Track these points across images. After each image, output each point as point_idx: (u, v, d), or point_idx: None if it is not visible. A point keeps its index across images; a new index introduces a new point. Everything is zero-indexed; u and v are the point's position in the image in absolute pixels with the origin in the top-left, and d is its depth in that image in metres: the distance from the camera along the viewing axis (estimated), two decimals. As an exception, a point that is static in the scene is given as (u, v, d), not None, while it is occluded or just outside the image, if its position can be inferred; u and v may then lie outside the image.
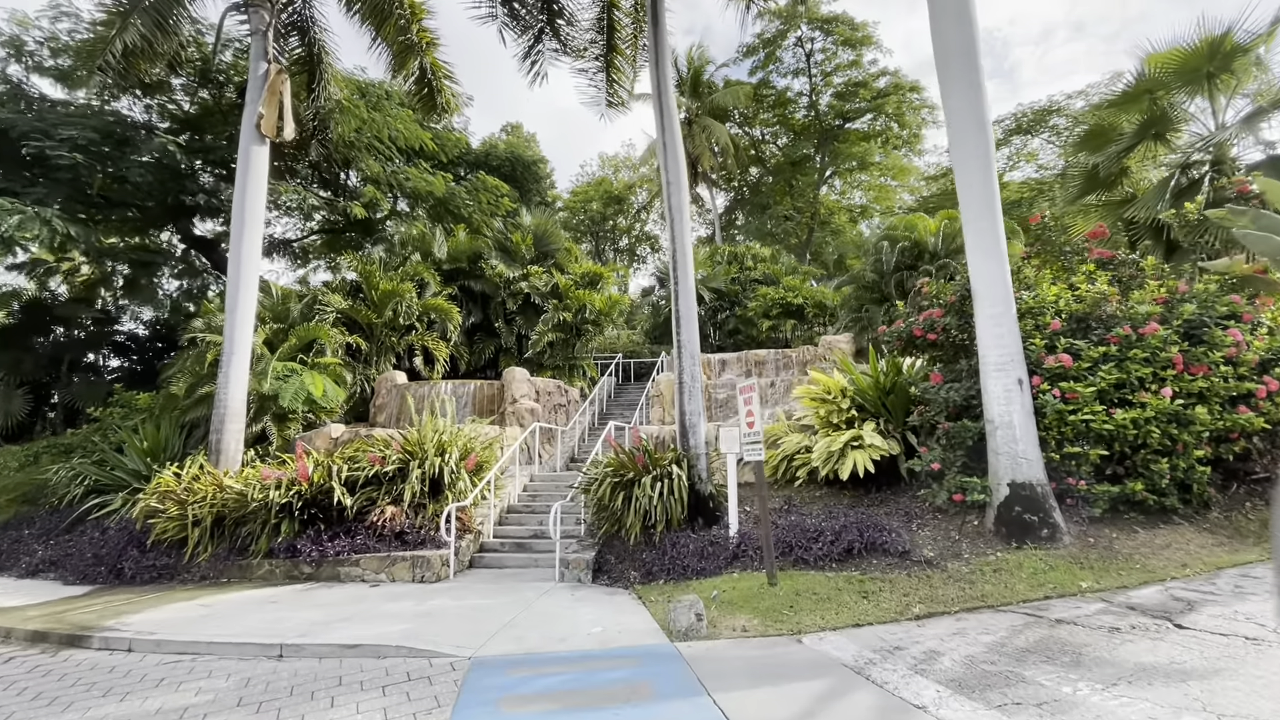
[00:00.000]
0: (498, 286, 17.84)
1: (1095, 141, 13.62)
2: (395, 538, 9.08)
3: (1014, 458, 7.02)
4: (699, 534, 8.11)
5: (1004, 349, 7.26)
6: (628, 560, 8.13)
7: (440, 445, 10.11)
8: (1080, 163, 14.02)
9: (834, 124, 32.40)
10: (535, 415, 13.97)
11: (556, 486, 11.59)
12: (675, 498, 8.13)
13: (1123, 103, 12.75)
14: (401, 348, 15.90)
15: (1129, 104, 12.75)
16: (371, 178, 17.90)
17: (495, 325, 17.70)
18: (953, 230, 16.84)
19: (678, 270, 9.18)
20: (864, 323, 17.75)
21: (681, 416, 8.90)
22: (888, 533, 7.04)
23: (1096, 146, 13.53)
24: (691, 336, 9.07)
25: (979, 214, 7.60)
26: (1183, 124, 12.33)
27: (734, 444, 7.93)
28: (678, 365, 9.05)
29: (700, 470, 8.69)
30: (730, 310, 23.67)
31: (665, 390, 14.76)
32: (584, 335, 18.15)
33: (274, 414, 12.54)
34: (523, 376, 14.57)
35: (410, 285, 15.30)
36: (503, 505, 10.71)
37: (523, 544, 9.65)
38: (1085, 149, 13.92)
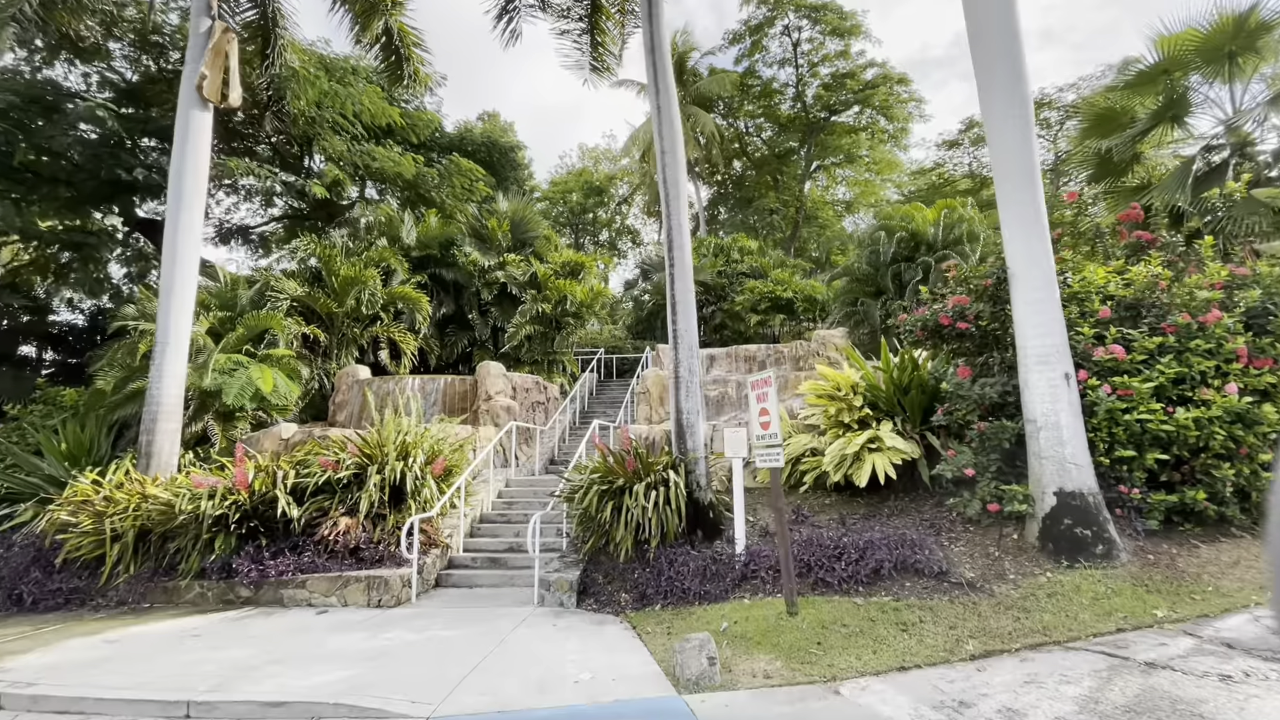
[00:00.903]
0: (472, 275, 16.63)
1: (1105, 126, 12.96)
2: (349, 554, 7.92)
3: (1061, 463, 6.15)
4: (699, 550, 7.11)
5: (1047, 339, 6.39)
6: (617, 580, 7.10)
7: (404, 447, 8.96)
8: (1088, 149, 13.35)
9: (820, 116, 31.68)
10: (512, 414, 12.85)
11: (535, 492, 10.50)
12: (672, 508, 7.12)
13: (1138, 84, 12.08)
14: (365, 340, 14.63)
15: (1144, 85, 12.09)
16: (335, 157, 16.53)
17: (469, 317, 16.50)
18: (952, 220, 16.14)
19: (673, 250, 8.17)
20: (858, 317, 16.96)
21: (678, 415, 7.90)
22: (920, 549, 6.12)
23: (1107, 131, 12.86)
24: (689, 325, 8.07)
25: (1017, 183, 6.72)
26: (1201, 107, 11.71)
27: (740, 447, 6.95)
28: (673, 357, 8.04)
29: (699, 476, 7.70)
30: (717, 305, 22.76)
31: (653, 387, 13.75)
32: (564, 328, 17.05)
33: (217, 412, 11.23)
34: (498, 371, 13.43)
35: (375, 272, 14.03)
36: (474, 514, 9.60)
37: (497, 559, 8.56)
38: (1095, 134, 13.24)
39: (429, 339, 15.91)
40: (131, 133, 15.21)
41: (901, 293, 16.14)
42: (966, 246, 15.66)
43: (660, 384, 13.71)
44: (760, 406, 5.86)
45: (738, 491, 6.91)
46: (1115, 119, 12.86)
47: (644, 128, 30.21)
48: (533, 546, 7.17)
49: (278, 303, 12.76)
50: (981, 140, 26.56)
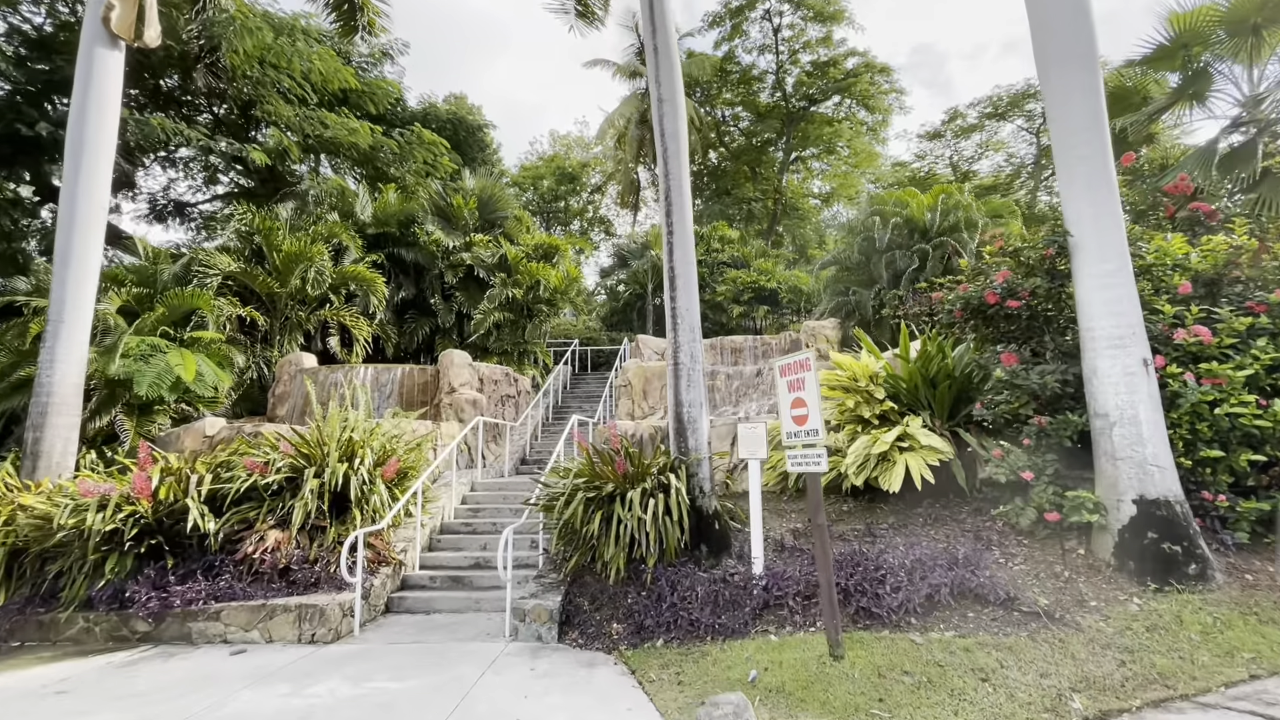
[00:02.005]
0: (434, 256, 15.14)
1: (1118, 106, 12.23)
2: (278, 576, 6.51)
3: (1140, 465, 5.18)
4: (706, 569, 5.95)
5: (1121, 318, 5.41)
6: (608, 606, 5.88)
7: (349, 446, 7.57)
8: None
9: (800, 106, 30.89)
10: (478, 408, 11.49)
11: (505, 497, 9.20)
12: (673, 519, 5.94)
13: (1156, 59, 11.36)
14: (312, 325, 13.04)
15: (1160, 62, 11.39)
16: (281, 123, 14.81)
17: (430, 302, 15.01)
18: (949, 206, 15.33)
19: (672, 215, 6.97)
20: (849, 307, 16.07)
21: (676, 409, 6.71)
22: (978, 569, 5.07)
23: (1120, 110, 12.15)
24: (690, 302, 6.88)
25: (1082, 136, 5.74)
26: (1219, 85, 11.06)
27: (758, 446, 5.80)
28: (672, 341, 6.85)
29: (702, 480, 6.54)
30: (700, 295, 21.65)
31: (635, 379, 12.55)
32: (536, 316, 15.70)
33: (129, 405, 9.59)
34: (463, 361, 12.04)
35: (323, 248, 12.45)
36: (434, 524, 8.25)
37: (460, 578, 7.24)
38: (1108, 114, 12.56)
39: (385, 325, 14.38)
40: (38, 85, 13.25)
41: (896, 282, 15.29)
42: (965, 234, 14.88)
43: (643, 376, 12.54)
44: (794, 396, 4.71)
45: (754, 499, 5.76)
46: (1128, 98, 12.18)
47: (619, 111, 28.94)
48: (504, 566, 5.89)
49: (207, 279, 11.10)
50: (966, 132, 26.09)
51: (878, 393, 7.44)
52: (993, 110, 24.39)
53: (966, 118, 25.34)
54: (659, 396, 12.35)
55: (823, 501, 4.51)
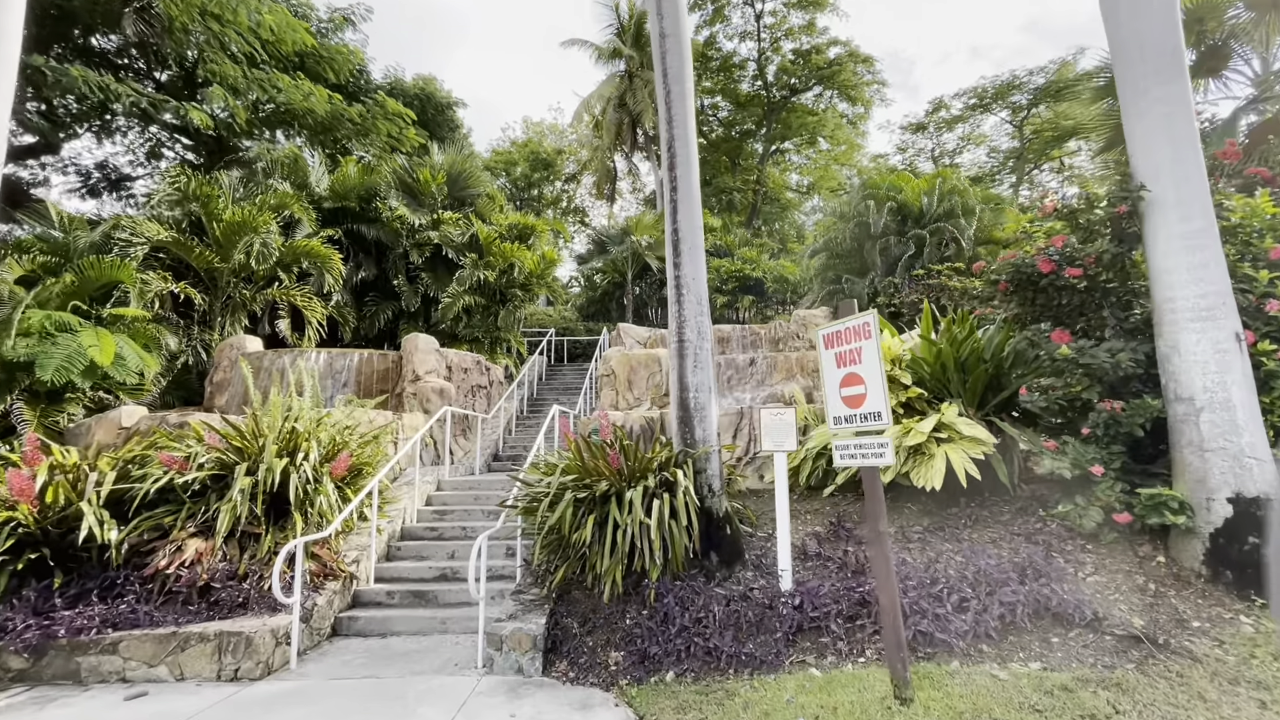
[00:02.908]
0: (398, 234, 13.87)
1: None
2: (198, 596, 5.35)
3: (1235, 457, 4.40)
4: (720, 582, 5.01)
5: (1208, 285, 4.64)
6: (602, 629, 4.88)
7: (291, 439, 6.42)
8: (1104, 110, 12.12)
9: (782, 96, 30.25)
10: (446, 398, 10.34)
11: (475, 497, 8.12)
12: (680, 523, 4.97)
13: (1170, 33, 10.81)
14: (259, 305, 11.69)
15: (1173, 37, 10.87)
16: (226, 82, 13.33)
17: (394, 283, 13.75)
18: (947, 189, 14.71)
19: (676, 167, 5.98)
20: (842, 295, 15.31)
21: (682, 394, 5.74)
22: (1052, 581, 4.23)
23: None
24: (697, 269, 5.91)
25: (1159, 70, 4.95)
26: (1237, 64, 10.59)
27: (785, 436, 4.87)
28: (676, 315, 5.87)
29: (711, 477, 5.59)
30: (678, 284, 20.73)
31: (619, 368, 11.55)
32: (510, 301, 14.56)
33: (31, 391, 8.21)
34: (429, 346, 10.87)
35: (271, 217, 11.11)
36: (393, 529, 7.14)
37: (423, 593, 6.16)
38: (1110, 95, 12.04)
39: (343, 308, 13.07)
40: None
41: (891, 269, 14.61)
42: (962, 220, 14.26)
43: (628, 365, 11.54)
44: (844, 371, 3.77)
45: (781, 499, 4.83)
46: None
47: (596, 93, 27.84)
48: (477, 588, 4.84)
49: (131, 249, 9.70)
50: (950, 123, 25.72)
51: (904, 378, 6.60)
52: (977, 101, 24.04)
53: (951, 108, 24.98)
54: (645, 386, 11.39)
55: (884, 504, 3.59)
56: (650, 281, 20.77)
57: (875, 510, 3.57)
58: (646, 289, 20.89)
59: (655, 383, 11.42)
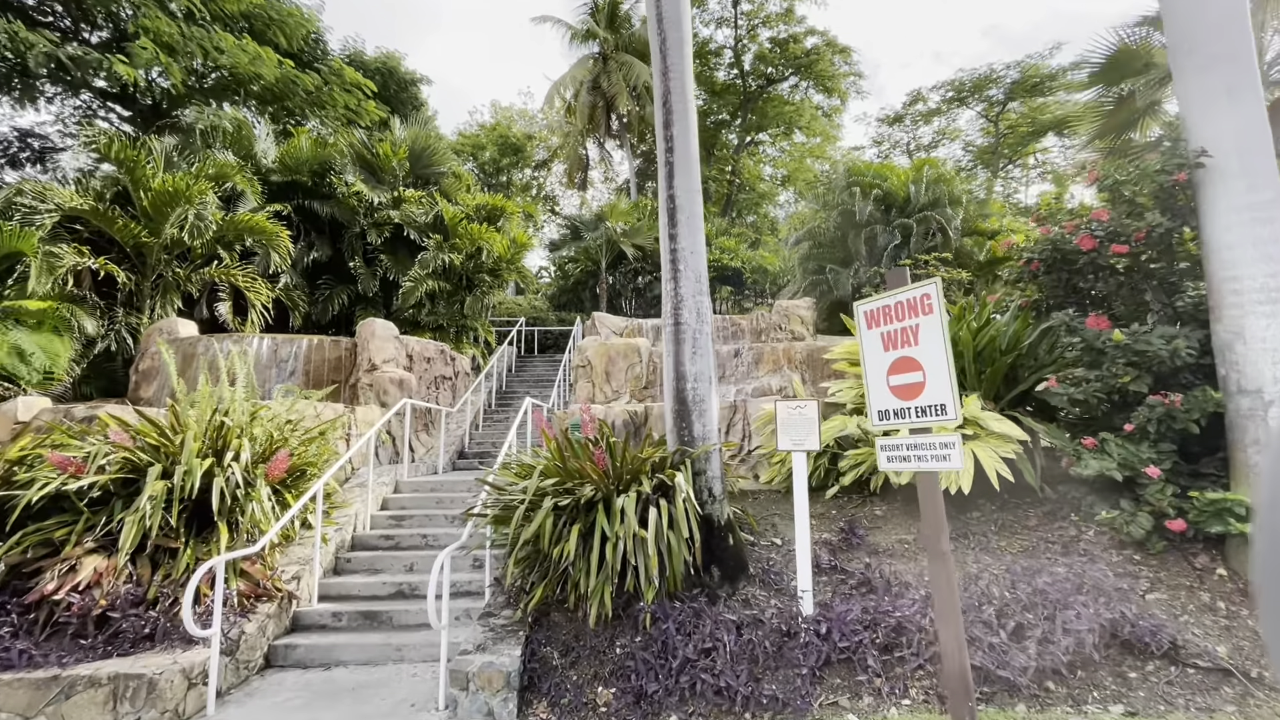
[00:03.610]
0: (355, 212, 12.78)
1: (1116, 72, 11.41)
2: (95, 628, 4.41)
3: (1310, 457, 3.89)
4: (724, 601, 4.31)
5: (1278, 264, 4.12)
6: (588, 659, 4.13)
7: (219, 435, 5.47)
8: (1096, 101, 11.80)
9: (758, 85, 29.72)
10: (406, 389, 9.41)
11: (438, 500, 7.26)
12: (680, 535, 4.25)
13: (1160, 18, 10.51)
14: (196, 286, 10.52)
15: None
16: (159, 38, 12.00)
17: (350, 265, 12.66)
18: (933, 178, 14.30)
19: (673, 122, 5.22)
20: (825, 285, 14.84)
21: (678, 384, 5.01)
22: (1117, 601, 3.64)
23: (1119, 76, 11.31)
24: (695, 243, 5.18)
25: (1221, 27, 4.40)
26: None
27: (805, 433, 4.19)
28: (671, 293, 5.13)
29: (711, 480, 4.88)
30: (655, 274, 20.01)
31: (596, 359, 10.77)
32: (478, 287, 13.61)
33: (-90, 378, 7.02)
34: (387, 333, 9.90)
35: (208, 188, 9.95)
36: (343, 538, 6.25)
37: (375, 614, 5.31)
38: (1102, 81, 11.73)
39: (293, 291, 11.95)
40: None
41: (877, 259, 14.15)
42: (948, 210, 13.88)
43: (605, 355, 10.78)
44: (895, 355, 3.09)
45: (801, 510, 4.14)
46: (1129, 63, 11.35)
47: (569, 75, 26.85)
48: (436, 599, 4.03)
49: (37, 218, 8.47)
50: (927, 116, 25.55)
51: (916, 368, 5.99)
52: (954, 94, 23.89)
53: (929, 101, 24.80)
54: (624, 378, 10.64)
55: (945, 517, 2.92)
56: (625, 271, 20.00)
57: (935, 525, 2.90)
58: (621, 278, 20.11)
59: (635, 374, 10.68)
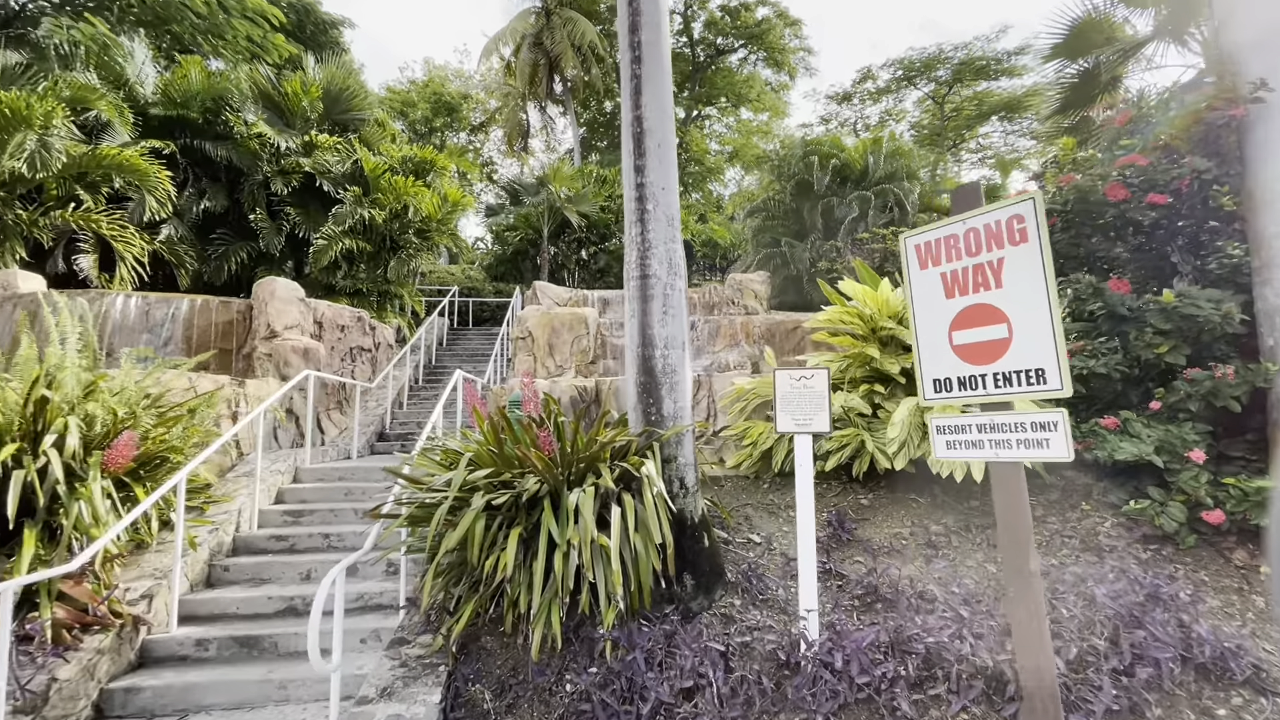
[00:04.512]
0: (258, 158, 11.05)
1: (1079, 44, 11.12)
2: None
3: (1374, 439, 3.39)
4: (698, 616, 3.46)
5: (1340, 219, 3.58)
6: (530, 702, 3.19)
7: (37, 412, 4.14)
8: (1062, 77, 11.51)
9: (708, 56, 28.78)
10: (312, 360, 8.06)
11: (347, 490, 6.08)
12: (649, 538, 3.36)
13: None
14: (47, 233, 8.69)
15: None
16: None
17: (251, 218, 10.96)
18: (893, 150, 13.84)
19: (641, 27, 4.20)
20: (779, 259, 14.20)
21: (645, 351, 4.06)
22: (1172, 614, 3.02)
23: (1081, 49, 11.05)
24: (667, 178, 4.21)
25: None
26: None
27: (811, 411, 3.35)
28: (637, 239, 4.15)
29: (683, 468, 4.00)
30: (601, 245, 18.94)
31: (538, 330, 9.69)
32: (404, 249, 12.17)
33: None
34: (290, 294, 8.47)
35: (61, 112, 8.13)
36: (220, 540, 5.02)
37: (255, 639, 4.17)
38: (1064, 54, 11.45)
39: (178, 245, 10.18)
40: None
41: (833, 232, 13.61)
42: (906, 183, 13.47)
43: (548, 326, 9.70)
44: (964, 304, 2.24)
45: (805, 509, 3.29)
46: (1091, 35, 11.07)
47: (509, 29, 25.06)
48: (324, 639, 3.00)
49: None
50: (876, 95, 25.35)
51: (905, 337, 5.30)
52: (904, 73, 23.72)
53: (878, 79, 24.56)
54: (570, 351, 9.62)
55: (1030, 522, 2.13)
56: (569, 240, 18.79)
57: (1018, 536, 2.11)
58: (565, 249, 18.89)
59: (581, 347, 9.68)
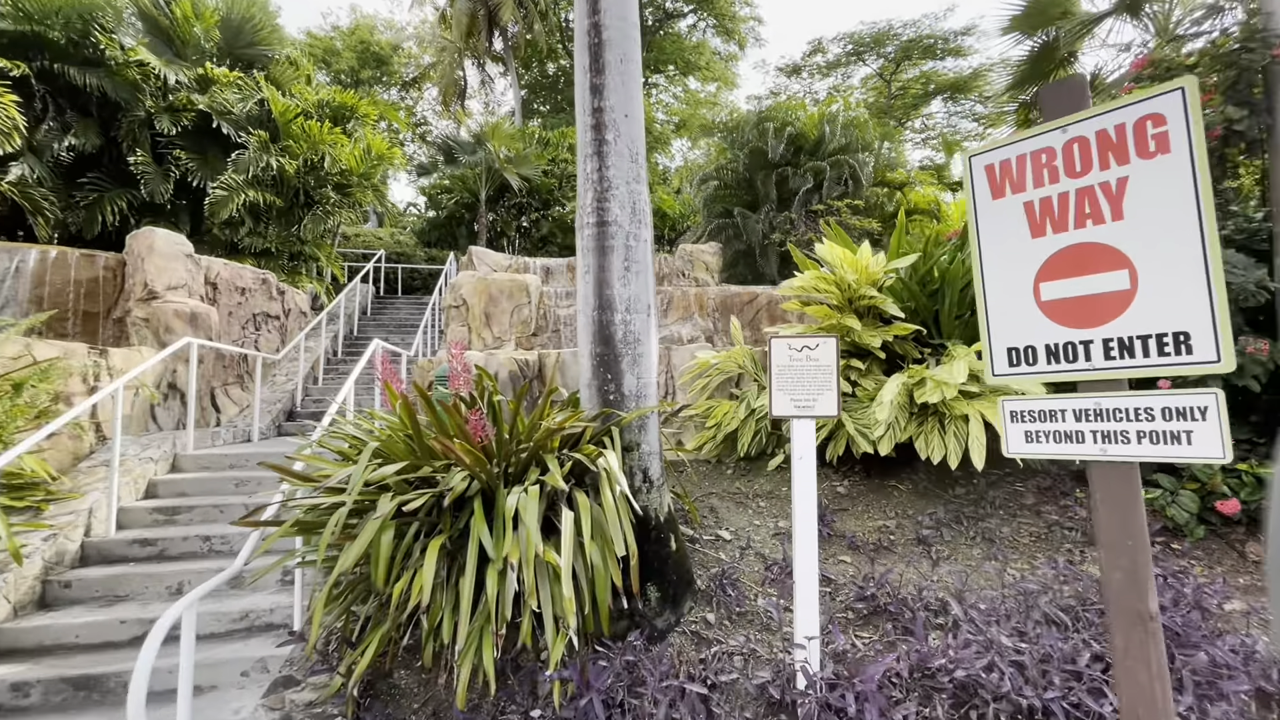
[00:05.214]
0: (139, 90, 9.43)
1: (1036, 18, 10.96)
2: None
3: None
4: (664, 636, 2.81)
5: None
6: (453, 765, 2.47)
7: None
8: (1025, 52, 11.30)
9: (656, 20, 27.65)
10: (202, 326, 6.86)
11: (239, 482, 5.09)
12: (608, 550, 2.66)
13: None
14: None
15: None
16: None
17: (131, 161, 9.38)
18: (848, 121, 13.43)
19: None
20: (731, 230, 13.64)
21: (602, 315, 3.32)
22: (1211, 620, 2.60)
23: (1038, 23, 10.88)
24: (630, 102, 3.43)
25: None
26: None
27: (818, 389, 2.71)
28: (594, 176, 3.37)
29: (646, 457, 3.31)
30: (543, 211, 17.85)
31: (473, 297, 8.73)
32: (321, 205, 10.82)
33: None
34: (172, 248, 7.17)
35: None
36: (62, 549, 3.98)
37: (95, 680, 3.24)
38: (1021, 27, 11.26)
39: (34, 189, 8.55)
40: None
41: (787, 203, 13.13)
42: (861, 155, 13.11)
43: (485, 293, 8.75)
44: (1063, 244, 1.59)
45: (804, 511, 2.66)
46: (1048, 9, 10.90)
47: (446, -25, 23.06)
48: (135, 703, 2.16)
49: None
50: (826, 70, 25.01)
51: (887, 308, 4.77)
52: (854, 47, 23.43)
53: (828, 53, 24.20)
54: (509, 322, 8.73)
55: (1149, 544, 1.56)
56: (509, 205, 17.60)
57: (1131, 563, 1.53)
58: (505, 215, 17.69)
59: (522, 318, 8.81)
